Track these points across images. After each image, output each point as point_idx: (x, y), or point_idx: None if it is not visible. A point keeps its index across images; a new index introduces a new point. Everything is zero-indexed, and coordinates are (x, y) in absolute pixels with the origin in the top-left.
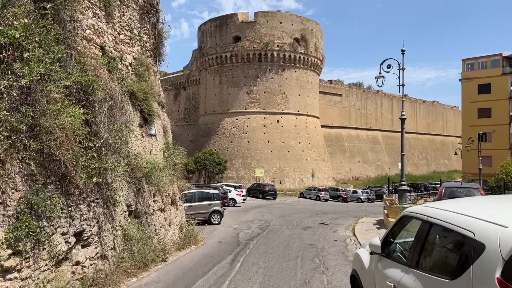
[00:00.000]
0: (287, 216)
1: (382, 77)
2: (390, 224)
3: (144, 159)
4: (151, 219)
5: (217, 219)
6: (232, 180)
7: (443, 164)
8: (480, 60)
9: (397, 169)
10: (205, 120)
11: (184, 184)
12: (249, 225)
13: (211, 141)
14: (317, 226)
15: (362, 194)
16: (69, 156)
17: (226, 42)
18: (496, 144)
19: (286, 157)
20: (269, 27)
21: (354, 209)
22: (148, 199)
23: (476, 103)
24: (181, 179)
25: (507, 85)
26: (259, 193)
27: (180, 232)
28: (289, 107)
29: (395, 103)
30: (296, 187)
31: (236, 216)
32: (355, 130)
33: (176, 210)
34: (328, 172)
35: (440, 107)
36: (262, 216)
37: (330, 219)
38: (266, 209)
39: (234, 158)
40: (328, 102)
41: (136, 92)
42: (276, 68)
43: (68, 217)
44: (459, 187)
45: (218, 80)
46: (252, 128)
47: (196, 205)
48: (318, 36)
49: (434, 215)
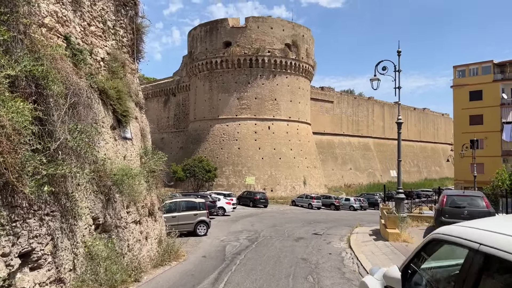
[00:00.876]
0: (278, 226)
1: (377, 80)
2: (413, 250)
3: (115, 164)
4: (123, 233)
5: (203, 230)
6: (222, 188)
7: (435, 171)
8: (471, 67)
9: (389, 176)
10: (194, 127)
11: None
12: (238, 237)
13: (201, 148)
14: (310, 237)
15: (355, 202)
16: (11, 161)
17: (216, 48)
18: (488, 151)
19: (277, 164)
20: (260, 33)
21: (348, 218)
22: (120, 210)
23: (468, 110)
24: (161, 187)
25: (498, 92)
26: (250, 201)
27: (159, 246)
28: (280, 114)
29: (386, 110)
30: (288, 195)
31: (225, 226)
32: (346, 137)
33: (154, 222)
34: (320, 179)
35: (431, 115)
36: (252, 226)
37: (323, 229)
38: (256, 218)
39: (224, 165)
40: (319, 109)
41: (107, 90)
42: (267, 74)
43: (11, 234)
44: (461, 195)
45: (208, 86)
46: (243, 135)
47: (181, 216)
48: (309, 42)
49: (492, 243)
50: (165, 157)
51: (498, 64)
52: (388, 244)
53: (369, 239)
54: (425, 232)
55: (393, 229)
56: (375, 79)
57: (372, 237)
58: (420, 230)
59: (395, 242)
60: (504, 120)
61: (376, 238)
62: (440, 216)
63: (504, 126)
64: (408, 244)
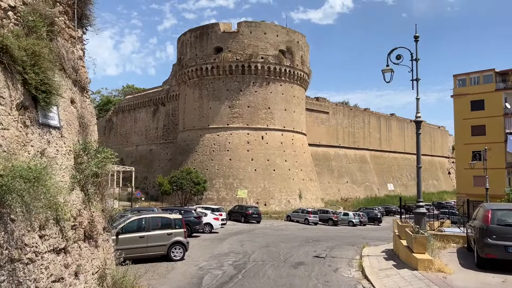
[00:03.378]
0: (272, 246)
1: (391, 70)
2: None
3: (18, 162)
4: (27, 271)
5: (179, 253)
6: (212, 202)
7: (432, 185)
8: (472, 75)
9: (386, 190)
10: (183, 137)
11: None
12: (222, 262)
13: (189, 159)
14: (311, 261)
15: (354, 217)
16: None
17: (207, 53)
18: (492, 163)
19: (271, 176)
20: (252, 38)
21: (349, 235)
22: (23, 233)
23: (469, 120)
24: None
25: (501, 101)
26: (241, 216)
27: (101, 285)
28: (274, 123)
29: (382, 122)
30: (283, 209)
31: (208, 246)
32: (342, 149)
33: (94, 249)
34: (317, 192)
35: (427, 127)
36: (241, 246)
37: (325, 249)
38: (247, 236)
39: (214, 177)
40: (314, 119)
41: (12, 49)
42: (261, 81)
43: None
44: (510, 209)
45: (198, 94)
46: (235, 145)
47: (150, 236)
48: (304, 49)
49: None
50: (113, 156)
51: (500, 73)
52: (419, 275)
53: (387, 266)
54: (458, 256)
55: (421, 253)
56: (388, 70)
57: (390, 263)
58: (450, 254)
59: (427, 272)
60: (508, 131)
61: (396, 264)
62: (485, 237)
63: (508, 137)
64: (447, 276)
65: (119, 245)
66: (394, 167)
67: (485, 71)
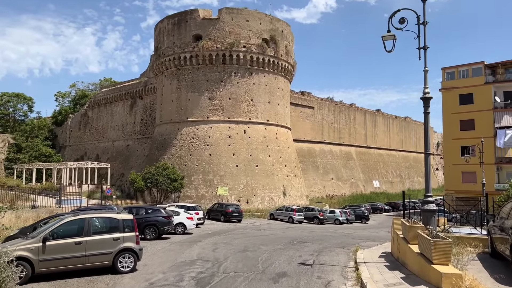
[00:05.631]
0: (250, 250)
1: (393, 37)
2: None
3: None
4: None
5: (129, 263)
6: (191, 200)
7: (417, 181)
8: (461, 68)
9: (372, 187)
10: (160, 131)
11: None
12: (183, 274)
13: (167, 154)
14: (295, 270)
15: (340, 215)
16: None
17: (185, 42)
18: None
19: (254, 173)
20: (234, 25)
21: (337, 234)
22: None
23: (458, 115)
24: None
25: (491, 95)
26: (221, 215)
27: None
28: (257, 116)
29: (368, 118)
30: (266, 207)
31: (174, 252)
32: (328, 145)
33: None
34: (301, 189)
35: (412, 123)
36: (213, 250)
37: (312, 254)
38: (224, 237)
39: (193, 173)
40: (299, 114)
41: None
42: (243, 72)
43: None
44: None
45: (176, 85)
46: (215, 139)
47: (91, 241)
48: (289, 38)
49: None
50: None
51: (489, 66)
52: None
53: (395, 279)
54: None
55: (444, 265)
56: (390, 36)
57: (396, 274)
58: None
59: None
60: (498, 125)
61: (406, 277)
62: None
63: (497, 131)
64: None
65: (47, 254)
66: (380, 163)
67: (474, 64)
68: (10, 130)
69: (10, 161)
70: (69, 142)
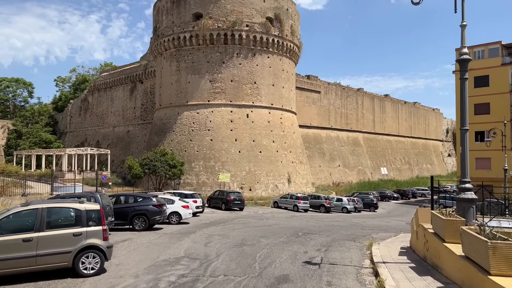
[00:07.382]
0: (248, 245)
1: None
2: None
3: None
4: None
5: (94, 264)
6: (192, 187)
7: (426, 169)
8: (477, 49)
9: (380, 174)
10: (160, 115)
11: None
12: (159, 278)
13: (166, 139)
14: (299, 272)
15: (348, 203)
16: None
17: (185, 21)
18: (496, 144)
19: (257, 159)
20: (236, 3)
21: (345, 224)
22: None
23: (473, 98)
24: None
25: (508, 77)
26: (222, 203)
27: None
28: (260, 99)
29: (376, 103)
30: (269, 195)
31: (160, 246)
32: (334, 131)
33: None
34: (307, 176)
35: (421, 109)
36: (206, 245)
37: (319, 249)
38: (222, 227)
39: (194, 160)
40: (305, 99)
41: None
42: (245, 53)
43: None
44: None
45: (176, 67)
46: (217, 124)
47: (43, 238)
48: (294, 18)
49: None
50: None
51: (507, 46)
52: None
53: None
54: None
55: (507, 276)
56: None
57: (431, 282)
58: None
59: None
60: None
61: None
62: None
63: None
64: None
65: None
66: (388, 150)
67: (490, 44)
68: (10, 116)
69: (10, 147)
70: (70, 128)
